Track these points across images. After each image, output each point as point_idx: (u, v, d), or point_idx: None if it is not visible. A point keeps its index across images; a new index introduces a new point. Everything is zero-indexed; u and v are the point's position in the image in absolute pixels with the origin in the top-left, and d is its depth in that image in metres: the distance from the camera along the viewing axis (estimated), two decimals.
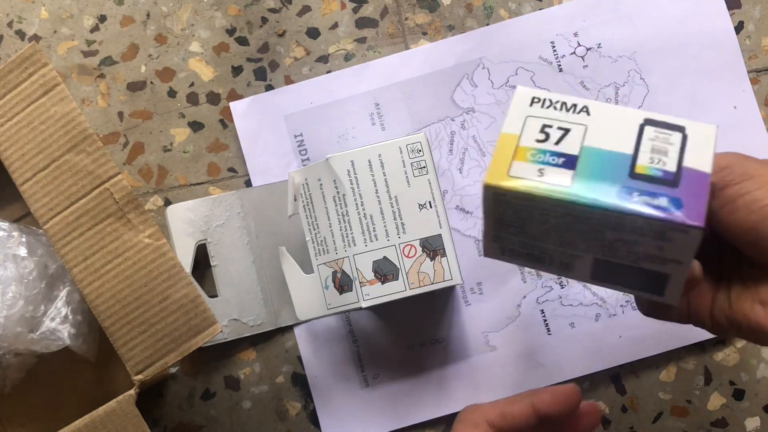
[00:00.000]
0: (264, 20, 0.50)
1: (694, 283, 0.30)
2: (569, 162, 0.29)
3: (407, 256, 0.40)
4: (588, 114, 0.30)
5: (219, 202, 0.48)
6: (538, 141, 0.29)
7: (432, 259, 0.40)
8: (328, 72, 0.49)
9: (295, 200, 0.42)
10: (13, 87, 0.40)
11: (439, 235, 0.40)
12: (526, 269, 0.47)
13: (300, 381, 0.47)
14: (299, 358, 0.47)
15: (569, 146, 0.29)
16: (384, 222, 0.40)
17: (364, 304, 0.40)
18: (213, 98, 0.49)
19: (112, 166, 0.39)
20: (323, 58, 0.49)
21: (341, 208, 0.41)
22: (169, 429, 0.47)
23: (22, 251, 0.43)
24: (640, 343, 0.46)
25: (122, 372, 0.47)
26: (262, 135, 0.48)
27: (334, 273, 0.41)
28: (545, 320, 0.47)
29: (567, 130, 0.29)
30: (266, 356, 0.48)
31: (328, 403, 0.47)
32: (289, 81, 0.49)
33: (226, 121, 0.49)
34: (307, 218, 0.42)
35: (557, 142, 0.29)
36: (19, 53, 0.40)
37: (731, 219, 0.29)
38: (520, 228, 0.31)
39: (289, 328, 0.48)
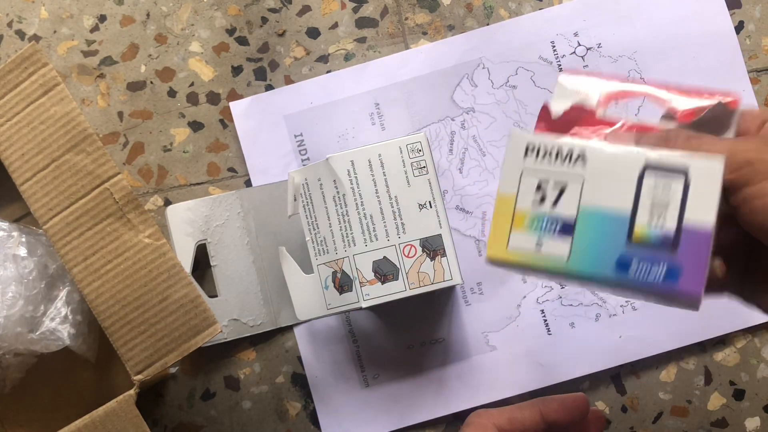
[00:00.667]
0: (264, 20, 0.50)
1: (719, 283, 0.29)
2: (566, 228, 0.28)
3: (407, 256, 0.40)
4: (584, 162, 0.29)
5: (219, 202, 0.48)
6: (535, 203, 0.29)
7: (432, 259, 0.40)
8: (328, 72, 0.49)
9: (295, 200, 0.42)
10: (13, 87, 0.40)
11: (439, 235, 0.40)
12: None
13: (300, 381, 0.47)
14: (299, 358, 0.47)
15: (566, 208, 0.29)
16: (384, 222, 0.40)
17: (364, 304, 0.40)
18: (213, 98, 0.49)
19: (112, 166, 0.39)
20: (323, 58, 0.49)
21: (341, 208, 0.41)
22: (169, 429, 0.47)
23: (22, 251, 0.43)
24: (640, 343, 0.46)
25: (122, 372, 0.47)
26: (262, 135, 0.48)
27: (334, 273, 0.41)
28: (545, 320, 0.47)
29: (563, 187, 0.29)
30: (266, 356, 0.48)
31: (328, 403, 0.47)
32: (289, 81, 0.49)
33: (226, 121, 0.49)
34: (307, 218, 0.42)
35: (554, 203, 0.29)
36: (19, 53, 0.40)
37: (749, 220, 0.27)
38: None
39: (289, 328, 0.48)
